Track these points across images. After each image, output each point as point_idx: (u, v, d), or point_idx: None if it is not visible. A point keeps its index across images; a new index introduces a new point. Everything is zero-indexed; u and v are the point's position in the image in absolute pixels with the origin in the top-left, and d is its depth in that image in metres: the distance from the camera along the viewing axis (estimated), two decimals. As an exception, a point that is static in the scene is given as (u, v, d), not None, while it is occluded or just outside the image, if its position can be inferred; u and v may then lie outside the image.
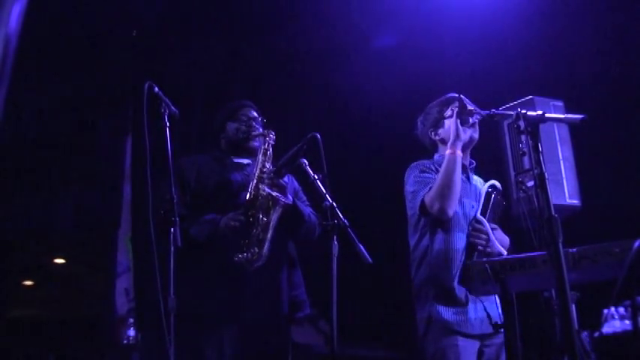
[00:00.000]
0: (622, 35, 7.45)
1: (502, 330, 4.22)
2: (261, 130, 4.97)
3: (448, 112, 4.64)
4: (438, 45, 8.12)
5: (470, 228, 4.42)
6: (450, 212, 4.23)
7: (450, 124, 4.57)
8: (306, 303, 4.81)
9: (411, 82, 7.88)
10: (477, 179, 4.72)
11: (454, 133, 4.31)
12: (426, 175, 4.41)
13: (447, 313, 4.18)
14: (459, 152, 4.28)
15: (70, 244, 12.36)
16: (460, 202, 4.41)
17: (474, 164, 4.68)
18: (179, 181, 4.45)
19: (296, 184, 5.07)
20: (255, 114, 5.07)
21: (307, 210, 4.90)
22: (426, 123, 4.75)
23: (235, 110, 5.07)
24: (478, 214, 4.46)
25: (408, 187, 4.47)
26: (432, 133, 4.70)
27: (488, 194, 4.50)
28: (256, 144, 4.94)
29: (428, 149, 4.79)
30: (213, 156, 4.99)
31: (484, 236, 4.36)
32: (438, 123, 4.69)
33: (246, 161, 4.97)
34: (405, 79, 8.03)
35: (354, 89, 8.41)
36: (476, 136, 4.58)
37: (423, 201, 4.28)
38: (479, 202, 4.48)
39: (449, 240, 4.32)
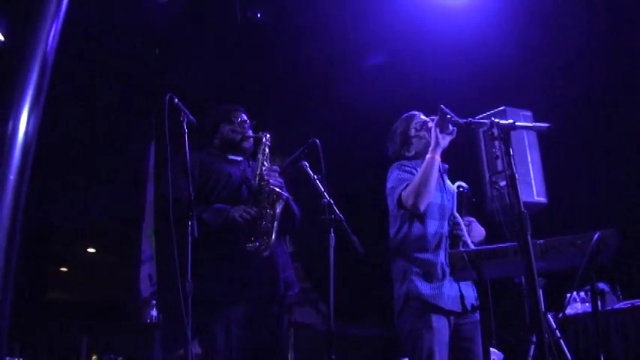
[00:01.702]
0: (585, 49, 7.47)
1: (475, 310, 4.23)
2: (251, 132, 4.94)
3: (412, 132, 4.61)
4: (423, 61, 8.13)
5: (450, 222, 4.40)
6: (422, 207, 4.18)
7: (418, 140, 4.55)
8: (295, 282, 4.78)
9: (399, 94, 7.88)
10: (448, 181, 4.63)
11: (435, 140, 4.28)
12: (404, 174, 4.35)
13: (424, 287, 4.12)
14: (437, 157, 4.26)
15: (100, 235, 12.38)
16: (435, 194, 4.37)
17: (447, 167, 4.63)
18: (183, 170, 4.32)
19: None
20: (245, 117, 5.01)
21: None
22: (396, 146, 4.65)
23: (228, 113, 5.00)
24: (455, 212, 4.45)
25: (388, 184, 4.42)
26: (405, 152, 4.61)
27: (459, 193, 4.49)
28: (247, 145, 4.91)
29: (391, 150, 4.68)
30: (209, 152, 4.91)
31: (464, 228, 4.35)
32: (406, 142, 4.61)
33: (239, 158, 4.92)
34: (395, 92, 8.04)
35: (349, 100, 8.42)
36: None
37: (400, 195, 4.25)
38: (453, 200, 4.46)
39: (424, 226, 4.29)
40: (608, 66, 7.39)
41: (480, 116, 4.55)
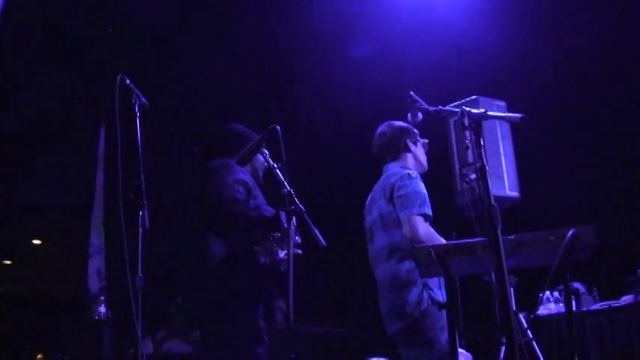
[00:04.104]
0: (564, 42, 7.57)
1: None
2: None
3: (420, 144, 4.97)
4: (399, 53, 8.20)
5: None
6: None
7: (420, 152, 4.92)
8: None
9: (375, 83, 7.94)
10: None
11: None
12: (422, 192, 4.59)
13: (439, 295, 4.41)
14: None
15: (47, 226, 12.27)
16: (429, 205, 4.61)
17: None
18: (246, 187, 4.75)
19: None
20: None
21: None
22: (404, 131, 4.92)
23: (265, 143, 4.97)
24: None
25: (403, 190, 4.59)
26: (409, 142, 4.89)
27: None
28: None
29: (386, 150, 4.92)
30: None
31: None
32: (416, 139, 4.94)
33: None
34: (371, 81, 8.09)
35: (320, 92, 8.46)
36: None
37: (418, 223, 4.47)
38: None
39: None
40: (586, 58, 7.51)
41: (451, 105, 4.58)
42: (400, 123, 4.92)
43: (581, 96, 7.59)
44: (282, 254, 4.86)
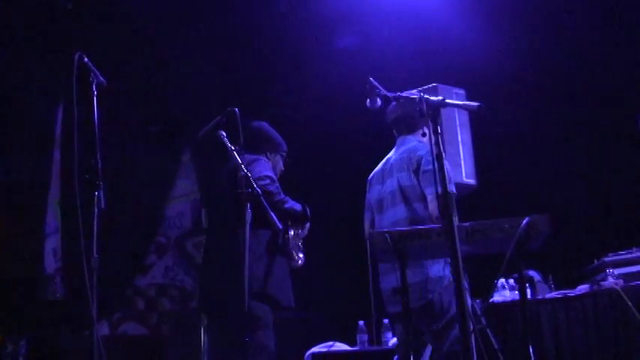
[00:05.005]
0: (525, 32, 7.65)
1: None
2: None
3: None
4: (374, 43, 8.25)
5: None
6: None
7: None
8: None
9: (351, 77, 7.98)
10: None
11: None
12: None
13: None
14: None
15: (2, 205, 12.13)
16: None
17: None
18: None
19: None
20: None
21: None
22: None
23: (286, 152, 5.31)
24: None
25: (429, 165, 4.40)
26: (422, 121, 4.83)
27: None
28: None
29: (403, 121, 4.89)
30: None
31: None
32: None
33: None
34: (347, 74, 8.12)
35: (296, 81, 8.48)
36: None
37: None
38: None
39: None
40: (545, 49, 7.61)
41: (411, 91, 4.61)
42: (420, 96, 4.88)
43: (540, 86, 7.67)
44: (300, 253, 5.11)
